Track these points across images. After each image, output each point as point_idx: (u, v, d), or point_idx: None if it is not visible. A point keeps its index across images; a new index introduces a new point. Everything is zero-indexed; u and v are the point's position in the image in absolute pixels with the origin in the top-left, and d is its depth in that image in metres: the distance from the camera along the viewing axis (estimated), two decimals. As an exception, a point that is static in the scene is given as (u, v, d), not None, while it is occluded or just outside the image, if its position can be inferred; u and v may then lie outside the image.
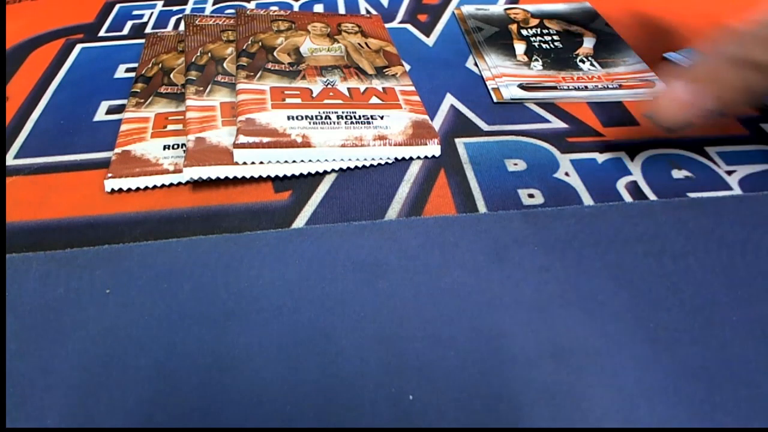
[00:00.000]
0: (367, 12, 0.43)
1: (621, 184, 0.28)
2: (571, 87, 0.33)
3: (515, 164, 0.29)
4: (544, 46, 0.38)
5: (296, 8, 0.45)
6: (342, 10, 0.46)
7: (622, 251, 0.25)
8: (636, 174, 0.29)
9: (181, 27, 0.40)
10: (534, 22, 0.41)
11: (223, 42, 0.37)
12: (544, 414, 0.19)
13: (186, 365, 0.21)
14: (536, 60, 0.36)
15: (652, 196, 0.27)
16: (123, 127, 0.31)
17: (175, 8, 0.45)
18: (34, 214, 0.27)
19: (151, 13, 0.45)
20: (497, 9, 0.43)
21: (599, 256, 0.24)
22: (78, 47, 0.40)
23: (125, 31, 0.42)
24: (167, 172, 0.28)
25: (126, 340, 0.21)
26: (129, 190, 0.28)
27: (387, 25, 0.41)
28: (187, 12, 0.45)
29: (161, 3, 0.46)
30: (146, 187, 0.28)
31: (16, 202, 0.28)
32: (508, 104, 0.34)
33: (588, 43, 0.38)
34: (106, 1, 0.46)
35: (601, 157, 0.30)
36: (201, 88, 0.32)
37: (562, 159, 0.30)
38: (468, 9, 0.43)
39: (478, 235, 0.25)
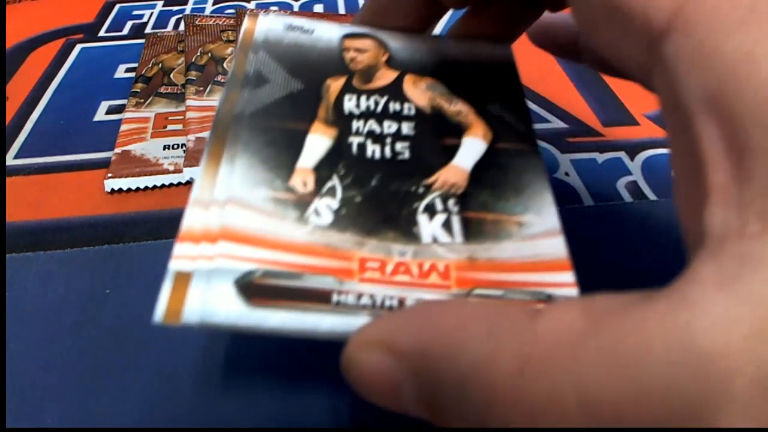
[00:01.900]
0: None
1: (621, 184, 0.28)
2: (361, 303, 0.14)
3: None
4: (370, 151, 0.17)
5: (296, 8, 0.45)
6: (342, 10, 0.45)
7: (622, 251, 0.25)
8: (636, 174, 0.29)
9: (181, 27, 0.40)
10: (384, 77, 0.19)
11: (223, 42, 0.37)
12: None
13: (186, 365, 0.21)
14: (328, 196, 0.16)
15: (652, 196, 0.27)
16: (123, 127, 0.31)
17: (175, 8, 0.45)
18: (34, 214, 0.27)
19: (151, 13, 0.45)
20: (327, 32, 0.20)
21: (599, 256, 0.25)
22: (78, 47, 0.40)
23: (125, 31, 0.42)
24: (167, 172, 0.28)
25: (126, 340, 0.21)
26: (129, 190, 0.28)
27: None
28: (187, 12, 0.45)
29: (161, 3, 0.46)
30: (146, 187, 0.28)
31: (16, 202, 0.28)
32: None
33: (465, 157, 0.17)
34: (106, 1, 0.46)
35: (601, 157, 0.30)
36: (201, 88, 0.32)
37: (562, 159, 0.30)
38: (269, 25, 0.20)
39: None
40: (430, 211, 0.16)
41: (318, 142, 0.17)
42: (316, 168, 0.17)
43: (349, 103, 0.18)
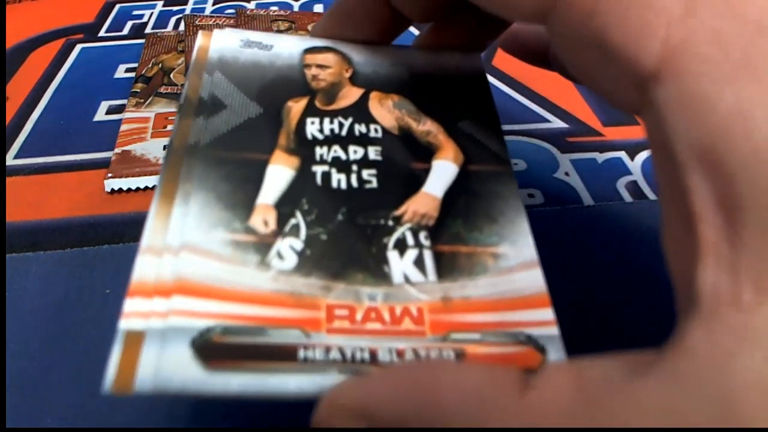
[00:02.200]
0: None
1: (621, 184, 0.27)
2: (330, 357, 0.12)
3: (515, 164, 0.28)
4: (335, 181, 0.15)
5: (296, 8, 0.45)
6: (342, 10, 0.45)
7: (622, 251, 0.24)
8: (636, 174, 0.27)
9: (181, 27, 0.38)
10: (348, 95, 0.18)
11: None
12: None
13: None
14: (291, 235, 0.14)
15: (652, 196, 0.26)
16: (123, 127, 0.29)
17: (175, 8, 0.44)
18: (34, 214, 0.26)
19: (151, 13, 0.43)
20: (287, 47, 0.18)
21: (599, 256, 0.24)
22: (78, 47, 0.38)
23: (125, 31, 0.40)
24: (167, 172, 0.29)
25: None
26: (129, 190, 0.27)
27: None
28: (187, 12, 0.44)
29: (161, 3, 0.46)
30: (146, 187, 0.27)
31: (16, 202, 0.26)
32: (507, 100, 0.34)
33: (435, 183, 0.16)
34: (106, 1, 0.45)
35: (601, 157, 0.29)
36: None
37: (562, 159, 0.28)
38: (225, 42, 0.18)
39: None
40: (401, 246, 0.14)
41: (279, 174, 0.15)
42: (277, 204, 0.15)
43: (312, 127, 0.17)
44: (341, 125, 0.17)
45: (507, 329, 0.13)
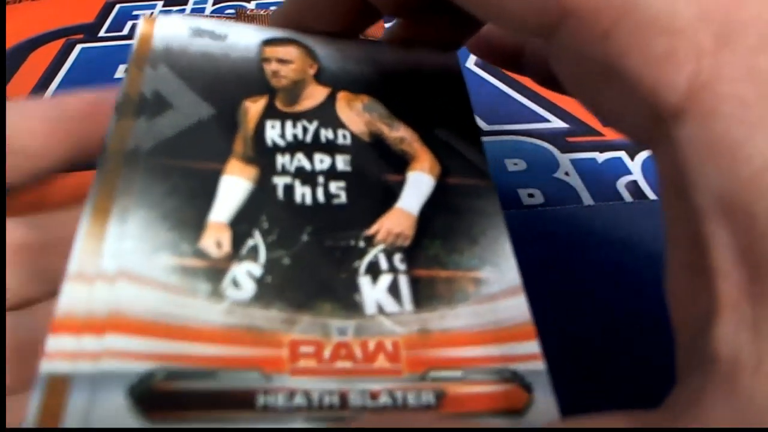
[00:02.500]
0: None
1: (621, 184, 0.26)
2: (294, 404, 0.11)
3: (515, 164, 0.27)
4: (299, 195, 0.14)
5: (296, 8, 0.45)
6: (342, 9, 0.45)
7: (622, 251, 0.25)
8: (636, 174, 0.27)
9: None
10: (313, 95, 0.16)
11: None
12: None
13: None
14: (248, 259, 0.12)
15: (652, 196, 0.26)
16: None
17: (175, 8, 0.45)
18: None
19: (151, 13, 0.45)
20: (243, 38, 0.16)
21: (599, 255, 0.24)
22: (78, 47, 0.38)
23: (125, 31, 0.39)
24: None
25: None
26: None
27: (387, 25, 0.41)
28: (187, 12, 0.45)
29: (161, 3, 0.45)
30: None
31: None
32: (507, 100, 0.33)
33: (410, 198, 0.14)
34: (106, 1, 0.46)
35: (601, 157, 0.29)
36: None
37: (562, 159, 0.28)
38: (171, 30, 0.16)
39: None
40: (374, 271, 0.13)
41: (235, 187, 0.13)
42: (233, 222, 0.13)
43: (272, 132, 0.14)
44: (305, 130, 0.15)
45: (491, 365, 0.12)
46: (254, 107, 0.15)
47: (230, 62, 0.16)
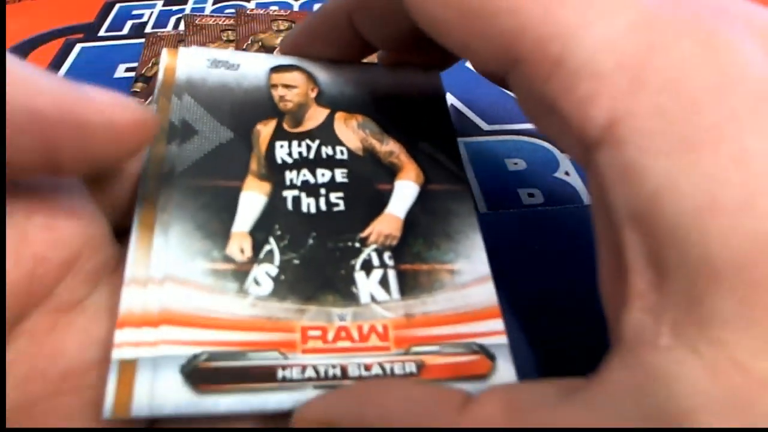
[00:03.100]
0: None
1: None
2: (305, 376, 0.13)
3: (515, 163, 0.28)
4: (305, 205, 0.16)
5: (296, 8, 0.44)
6: (342, 9, 0.45)
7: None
8: None
9: (181, 27, 0.38)
10: (315, 116, 0.18)
11: (223, 42, 0.35)
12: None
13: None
14: (266, 261, 0.15)
15: None
16: None
17: (175, 8, 0.44)
18: None
19: (151, 13, 0.43)
20: (253, 67, 0.18)
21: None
22: (78, 47, 0.38)
23: (125, 30, 0.40)
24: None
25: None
26: None
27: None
28: (187, 12, 0.44)
29: (161, 3, 0.46)
30: None
31: None
32: (507, 100, 0.32)
33: (398, 203, 0.16)
34: (106, 1, 0.46)
35: None
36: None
37: (562, 158, 0.28)
38: (192, 62, 0.18)
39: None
40: (367, 267, 0.15)
41: (252, 201, 0.16)
42: (252, 231, 0.15)
43: (281, 151, 0.17)
44: (309, 148, 0.17)
45: (462, 340, 0.15)
46: (265, 130, 0.17)
47: (243, 90, 0.18)
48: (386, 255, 0.16)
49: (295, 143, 0.17)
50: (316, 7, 0.44)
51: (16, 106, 0.11)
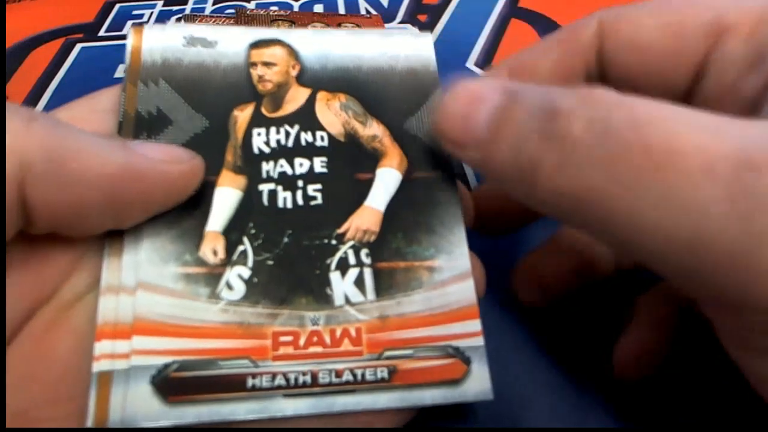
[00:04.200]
0: (367, 12, 0.43)
1: None
2: (275, 383, 0.13)
3: None
4: (281, 200, 0.15)
5: (296, 8, 0.44)
6: (342, 10, 0.45)
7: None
8: None
9: None
10: (295, 98, 0.17)
11: None
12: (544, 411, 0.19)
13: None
14: (239, 264, 0.14)
15: None
16: None
17: (175, 8, 0.44)
18: None
19: (151, 13, 0.43)
20: (232, 43, 0.17)
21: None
22: (78, 47, 0.38)
23: (125, 30, 0.39)
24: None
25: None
26: None
27: (387, 25, 0.41)
28: (187, 12, 0.44)
29: (161, 3, 0.45)
30: None
31: None
32: None
33: (378, 195, 0.16)
34: (106, 1, 0.46)
35: None
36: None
37: None
38: (166, 41, 0.16)
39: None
40: (343, 266, 0.15)
41: (227, 197, 0.15)
42: (225, 230, 0.15)
43: (258, 140, 0.16)
44: (287, 134, 0.16)
45: (437, 343, 0.14)
46: (242, 116, 0.16)
47: (221, 70, 0.17)
48: (363, 252, 0.15)
49: (273, 130, 0.16)
50: (317, 7, 0.44)
51: (92, 174, 0.12)
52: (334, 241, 0.15)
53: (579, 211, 0.12)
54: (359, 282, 0.15)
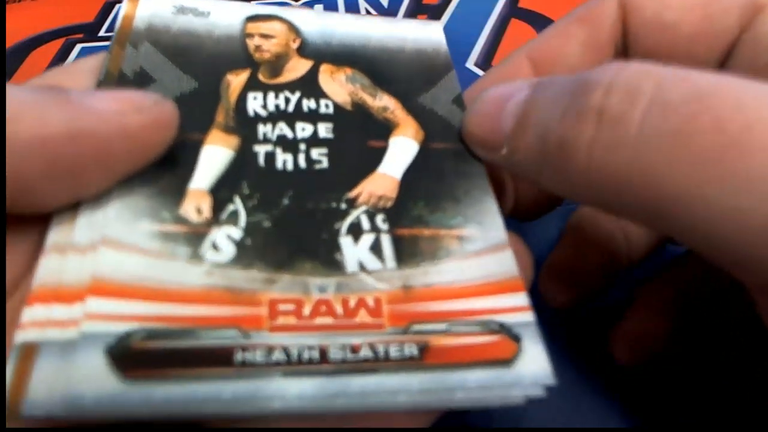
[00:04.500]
0: (367, 12, 0.43)
1: None
2: (273, 359, 0.11)
3: None
4: (280, 161, 0.14)
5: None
6: (342, 10, 0.45)
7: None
8: None
9: None
10: (296, 68, 0.16)
11: None
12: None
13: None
14: (228, 223, 0.12)
15: None
16: None
17: (175, 8, 0.45)
18: None
19: None
20: (226, 15, 0.16)
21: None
22: (78, 47, 0.39)
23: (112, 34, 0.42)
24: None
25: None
26: None
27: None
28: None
29: (161, 3, 0.46)
30: None
31: None
32: None
33: (393, 162, 0.14)
34: (106, 1, 0.46)
35: None
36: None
37: None
38: (155, 8, 0.16)
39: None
40: (355, 231, 0.13)
41: (216, 155, 0.13)
42: (213, 189, 0.13)
43: (254, 103, 0.15)
44: (287, 100, 0.15)
45: (476, 317, 0.12)
46: (236, 80, 0.15)
47: (214, 38, 0.16)
48: (379, 218, 0.13)
49: (271, 95, 0.15)
50: (317, 7, 0.44)
51: (26, 138, 0.10)
52: (344, 205, 0.13)
53: (625, 194, 0.10)
54: (376, 248, 0.12)
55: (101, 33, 0.41)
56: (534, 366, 0.11)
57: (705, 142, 0.10)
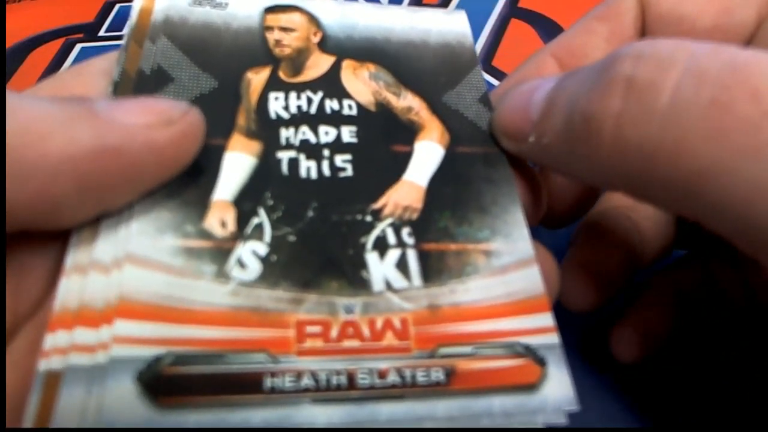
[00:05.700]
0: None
1: None
2: (302, 385, 0.11)
3: None
4: (304, 169, 0.13)
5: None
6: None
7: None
8: None
9: None
10: (317, 64, 0.15)
11: None
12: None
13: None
14: (253, 238, 0.12)
15: None
16: None
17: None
18: None
19: None
20: (245, 5, 0.16)
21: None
22: (78, 47, 0.38)
23: (125, 30, 0.42)
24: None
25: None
26: None
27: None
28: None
29: (161, 3, 0.46)
30: None
31: None
32: None
33: (419, 169, 0.14)
34: (106, 1, 0.46)
35: None
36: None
37: None
38: (166, 2, 0.15)
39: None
40: (381, 246, 0.12)
41: (238, 163, 0.13)
42: (237, 200, 0.12)
43: (276, 104, 0.14)
44: (310, 101, 0.14)
45: (502, 339, 0.11)
46: (257, 79, 0.14)
47: (232, 32, 0.15)
48: (405, 231, 0.13)
49: (293, 95, 0.14)
50: None
51: (55, 157, 0.10)
52: (369, 218, 0.13)
53: (653, 169, 0.10)
54: (402, 265, 0.12)
55: (101, 33, 0.41)
56: (558, 391, 0.11)
57: (741, 112, 0.09)
